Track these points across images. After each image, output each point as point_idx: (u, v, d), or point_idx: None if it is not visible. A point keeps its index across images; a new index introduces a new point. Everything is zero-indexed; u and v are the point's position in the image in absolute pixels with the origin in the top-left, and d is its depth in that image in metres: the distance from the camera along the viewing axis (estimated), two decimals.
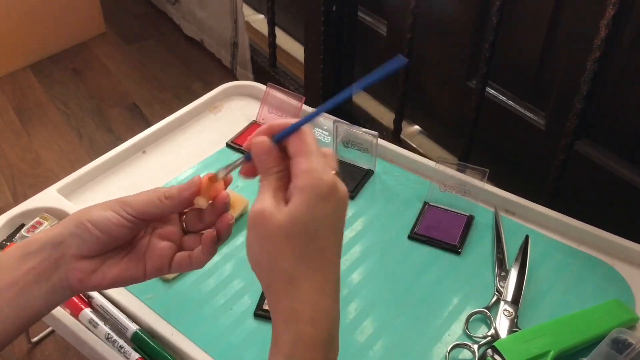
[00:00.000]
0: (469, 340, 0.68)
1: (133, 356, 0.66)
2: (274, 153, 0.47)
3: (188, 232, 0.55)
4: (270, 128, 0.48)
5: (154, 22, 2.11)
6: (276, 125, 0.48)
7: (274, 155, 0.47)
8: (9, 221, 0.80)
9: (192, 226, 0.55)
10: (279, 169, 0.47)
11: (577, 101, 0.88)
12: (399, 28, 1.23)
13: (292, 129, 0.47)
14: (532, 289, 0.73)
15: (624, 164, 0.98)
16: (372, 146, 0.87)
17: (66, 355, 1.09)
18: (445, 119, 1.34)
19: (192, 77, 1.84)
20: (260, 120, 0.98)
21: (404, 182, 0.89)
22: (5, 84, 1.81)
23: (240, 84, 1.06)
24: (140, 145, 0.94)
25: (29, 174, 1.50)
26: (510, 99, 1.15)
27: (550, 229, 0.82)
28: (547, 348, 0.64)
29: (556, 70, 1.03)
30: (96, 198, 0.86)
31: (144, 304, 0.71)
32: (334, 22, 1.34)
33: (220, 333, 0.69)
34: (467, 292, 0.73)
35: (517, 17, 1.05)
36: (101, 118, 1.68)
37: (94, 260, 0.52)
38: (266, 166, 0.47)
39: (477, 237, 0.80)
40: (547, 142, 1.08)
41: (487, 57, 1.00)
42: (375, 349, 0.67)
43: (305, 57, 1.47)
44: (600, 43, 0.82)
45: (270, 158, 0.47)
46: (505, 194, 0.85)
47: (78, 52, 1.96)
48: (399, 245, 0.80)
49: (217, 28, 1.78)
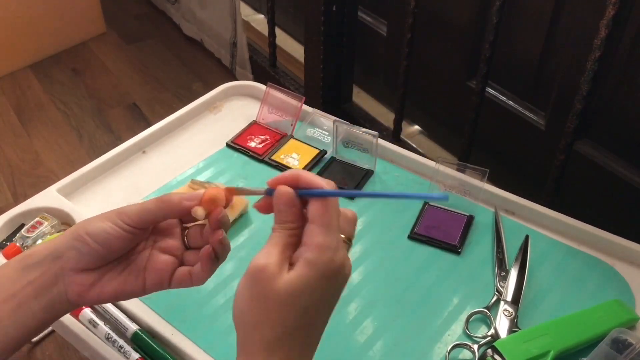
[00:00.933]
0: (469, 340, 0.68)
1: (133, 356, 0.66)
2: (296, 209, 0.46)
3: (190, 248, 0.54)
4: (297, 177, 0.46)
5: (154, 22, 2.11)
6: (305, 177, 0.46)
7: (294, 210, 0.46)
8: (9, 221, 0.80)
9: (194, 242, 0.54)
10: (295, 225, 0.46)
11: (577, 101, 0.88)
12: (399, 28, 1.23)
13: (319, 193, 0.45)
14: (532, 289, 0.73)
15: (624, 164, 0.98)
16: (372, 146, 0.87)
17: (66, 355, 1.09)
18: (445, 119, 1.34)
19: (192, 77, 1.84)
20: (260, 120, 0.98)
21: (404, 182, 0.89)
22: (5, 84, 1.81)
23: (240, 84, 1.06)
24: (140, 145, 0.94)
25: (29, 174, 1.50)
26: (510, 99, 1.15)
27: (550, 229, 0.82)
28: (547, 348, 0.64)
29: (556, 70, 1.04)
30: (96, 198, 0.86)
31: (144, 304, 0.71)
32: (334, 22, 1.34)
33: (220, 333, 0.69)
34: (467, 292, 0.73)
35: (517, 17, 1.06)
36: (101, 118, 1.68)
37: (93, 274, 0.51)
38: (284, 219, 0.46)
39: (477, 237, 0.80)
40: (547, 142, 1.08)
41: (487, 57, 1.00)
42: (375, 349, 0.67)
43: (305, 57, 1.47)
44: (600, 43, 0.82)
45: (290, 212, 0.46)
46: (505, 194, 0.85)
47: (78, 52, 1.96)
48: (399, 245, 0.80)
49: (217, 28, 1.79)
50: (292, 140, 0.95)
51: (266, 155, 0.92)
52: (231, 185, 0.85)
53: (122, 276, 0.52)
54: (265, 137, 0.95)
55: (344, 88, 1.49)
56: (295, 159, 0.91)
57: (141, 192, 0.86)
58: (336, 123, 0.89)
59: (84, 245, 0.50)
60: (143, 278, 0.53)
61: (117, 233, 0.50)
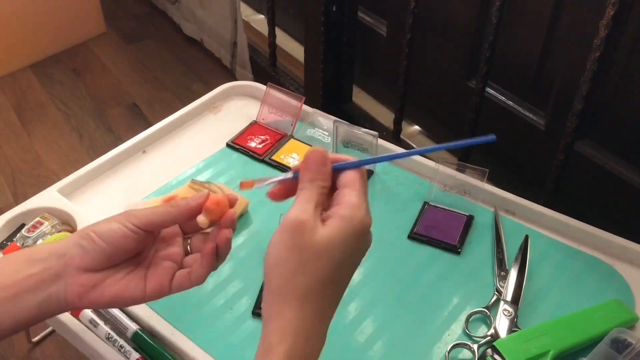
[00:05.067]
0: (468, 340, 0.68)
1: (133, 356, 0.66)
2: (326, 169, 0.47)
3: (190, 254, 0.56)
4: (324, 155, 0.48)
5: (154, 22, 2.11)
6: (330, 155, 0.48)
7: (327, 169, 0.48)
8: (9, 221, 0.80)
9: (196, 249, 0.55)
10: (325, 184, 0.47)
11: (577, 101, 0.88)
12: (399, 28, 1.23)
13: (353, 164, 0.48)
14: (532, 288, 0.73)
15: (624, 164, 0.98)
16: (372, 146, 0.87)
17: (66, 355, 1.09)
18: (445, 119, 1.34)
19: (192, 77, 1.84)
20: (260, 120, 0.98)
21: (404, 182, 0.89)
22: (5, 84, 1.81)
23: (240, 84, 1.06)
24: (140, 145, 0.94)
25: (29, 174, 1.50)
26: (510, 99, 1.15)
27: (550, 229, 0.82)
28: (547, 348, 0.64)
29: (556, 70, 1.04)
30: (96, 198, 0.86)
31: (144, 304, 0.71)
32: (334, 22, 1.34)
33: (220, 333, 0.69)
34: (467, 291, 0.73)
35: (517, 17, 1.06)
36: (101, 118, 1.68)
37: (95, 275, 0.52)
38: (315, 176, 0.47)
39: (477, 237, 0.80)
40: (547, 142, 1.08)
41: (487, 57, 1.00)
42: (375, 349, 0.67)
43: (305, 57, 1.47)
44: (600, 43, 0.82)
45: (322, 170, 0.47)
46: (505, 194, 0.85)
47: (78, 52, 1.96)
48: (399, 245, 0.80)
49: (217, 28, 1.79)
50: (292, 140, 0.95)
51: (266, 155, 0.92)
52: (231, 185, 0.86)
53: (123, 281, 0.52)
54: (265, 137, 0.95)
55: (344, 88, 1.49)
56: (296, 159, 0.91)
57: (141, 192, 0.87)
58: (336, 123, 0.89)
59: (90, 242, 0.51)
60: (144, 284, 0.53)
61: (123, 232, 0.51)
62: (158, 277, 0.53)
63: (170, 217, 0.53)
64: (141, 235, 0.52)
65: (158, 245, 0.55)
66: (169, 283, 0.53)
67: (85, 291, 0.51)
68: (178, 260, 0.55)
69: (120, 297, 0.52)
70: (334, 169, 0.48)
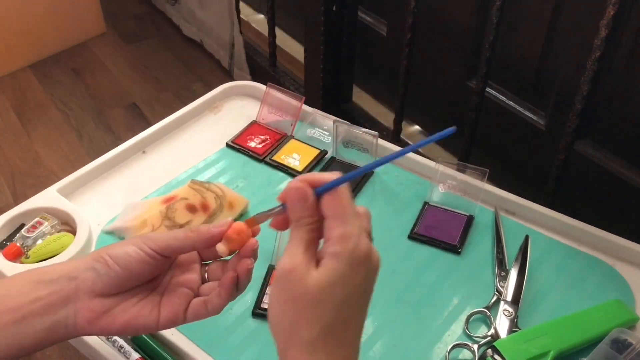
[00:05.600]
0: (469, 340, 0.68)
1: (133, 356, 0.66)
2: (310, 202, 0.45)
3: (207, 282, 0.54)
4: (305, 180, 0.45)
5: (154, 22, 2.11)
6: (310, 178, 0.45)
7: (309, 204, 0.45)
8: (9, 221, 0.80)
9: (214, 276, 0.53)
10: (313, 219, 0.45)
11: (577, 101, 0.88)
12: (399, 28, 1.23)
13: (333, 184, 0.45)
14: (532, 289, 0.73)
15: (624, 164, 0.98)
16: (372, 146, 0.87)
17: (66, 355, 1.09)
18: (445, 119, 1.34)
19: (192, 77, 1.84)
20: (260, 120, 0.98)
21: (404, 182, 0.89)
22: (5, 84, 1.81)
23: (240, 84, 1.06)
24: (140, 145, 0.94)
25: (29, 174, 1.50)
26: (510, 99, 1.15)
27: (550, 229, 0.82)
28: (547, 348, 0.64)
29: (556, 70, 1.04)
30: (96, 198, 0.86)
31: None
32: (334, 22, 1.34)
33: (220, 333, 0.69)
34: (467, 292, 0.73)
35: (517, 17, 1.05)
36: (101, 118, 1.68)
37: (107, 301, 0.49)
38: (300, 215, 0.45)
39: (477, 237, 0.80)
40: (547, 142, 1.08)
41: (487, 57, 1.00)
42: (375, 349, 0.67)
43: (305, 57, 1.47)
44: (600, 43, 0.82)
45: (304, 206, 0.45)
46: (505, 194, 0.85)
47: (78, 52, 1.96)
48: (399, 245, 0.80)
49: (217, 29, 1.79)
50: (292, 140, 0.95)
51: (266, 156, 0.92)
52: (230, 185, 0.86)
53: (136, 308, 0.50)
54: (265, 137, 0.95)
55: (344, 88, 1.49)
56: (296, 159, 0.91)
57: (141, 192, 0.86)
58: (336, 123, 0.89)
59: (103, 267, 0.48)
60: (157, 312, 0.50)
61: (139, 256, 0.49)
62: (173, 305, 0.51)
63: (189, 242, 0.50)
64: (158, 260, 0.50)
65: (174, 270, 0.53)
66: (184, 312, 0.51)
67: (96, 317, 0.49)
68: (194, 288, 0.52)
69: (133, 325, 0.50)
70: (317, 193, 0.45)
